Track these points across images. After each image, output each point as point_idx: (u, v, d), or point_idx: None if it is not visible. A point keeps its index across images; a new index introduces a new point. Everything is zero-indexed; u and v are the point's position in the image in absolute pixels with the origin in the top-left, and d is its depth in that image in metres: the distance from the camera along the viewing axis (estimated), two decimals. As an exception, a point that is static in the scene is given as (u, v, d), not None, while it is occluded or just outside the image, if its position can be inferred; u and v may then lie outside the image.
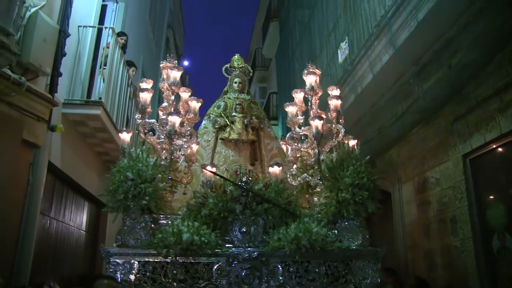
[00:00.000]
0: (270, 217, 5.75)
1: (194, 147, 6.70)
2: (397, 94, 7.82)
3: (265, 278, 5.50)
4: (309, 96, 6.79)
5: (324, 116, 6.57)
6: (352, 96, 8.92)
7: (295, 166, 6.71)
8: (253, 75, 26.72)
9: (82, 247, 9.39)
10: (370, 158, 6.03)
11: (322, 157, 6.33)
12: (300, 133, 6.71)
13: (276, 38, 20.92)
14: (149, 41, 16.25)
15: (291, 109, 6.81)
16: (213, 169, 6.20)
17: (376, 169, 9.29)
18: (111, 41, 8.76)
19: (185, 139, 6.37)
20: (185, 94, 6.78)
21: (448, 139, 7.40)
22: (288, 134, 6.80)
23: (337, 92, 6.75)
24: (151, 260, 5.44)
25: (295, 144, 6.65)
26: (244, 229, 5.71)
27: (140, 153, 5.82)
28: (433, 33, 6.31)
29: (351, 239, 5.78)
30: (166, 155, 6.19)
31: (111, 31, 8.83)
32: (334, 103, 6.64)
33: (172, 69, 6.60)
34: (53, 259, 7.90)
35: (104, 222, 10.17)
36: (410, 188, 8.84)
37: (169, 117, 6.19)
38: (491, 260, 6.51)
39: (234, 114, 7.55)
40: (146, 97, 6.43)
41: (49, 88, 6.94)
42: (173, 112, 6.36)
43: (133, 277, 5.36)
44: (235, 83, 8.01)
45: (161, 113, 6.60)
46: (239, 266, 5.49)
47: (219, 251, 5.49)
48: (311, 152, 6.51)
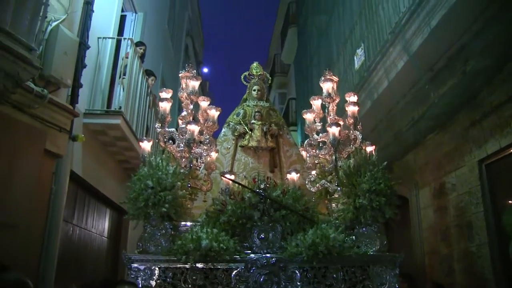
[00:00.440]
0: (288, 223, 5.76)
1: (214, 155, 6.78)
2: (412, 100, 7.86)
3: (283, 283, 5.51)
4: (326, 103, 6.82)
5: (342, 123, 6.62)
6: (369, 102, 8.98)
7: (313, 172, 6.73)
8: (272, 81, 26.83)
9: (104, 253, 9.51)
10: (388, 164, 6.03)
11: (340, 163, 6.35)
12: (318, 140, 6.73)
13: (294, 44, 20.99)
14: (168, 49, 16.40)
15: (308, 116, 6.86)
16: (232, 177, 6.27)
17: (393, 174, 9.27)
18: (130, 51, 8.89)
19: (205, 147, 6.46)
20: (204, 103, 6.84)
21: (463, 144, 7.44)
22: (306, 140, 6.82)
23: (354, 98, 6.76)
24: (171, 266, 5.49)
25: (313, 150, 6.69)
26: (262, 236, 5.73)
27: (160, 161, 5.89)
28: (446, 40, 6.36)
29: (368, 245, 5.75)
30: (185, 163, 6.26)
31: (130, 42, 8.96)
32: (351, 109, 6.65)
33: (191, 79, 6.68)
34: (76, 265, 8.02)
35: (126, 229, 10.27)
36: (427, 193, 8.86)
37: (188, 126, 6.27)
38: (508, 265, 6.51)
39: (253, 121, 7.58)
40: (165, 106, 6.51)
41: (70, 99, 7.10)
42: (192, 121, 6.43)
43: (153, 283, 5.42)
44: (254, 90, 8.06)
45: (180, 122, 6.67)
46: (257, 272, 5.50)
47: (237, 257, 5.52)
48: (329, 158, 6.53)
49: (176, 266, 5.50)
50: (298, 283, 5.54)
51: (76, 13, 7.37)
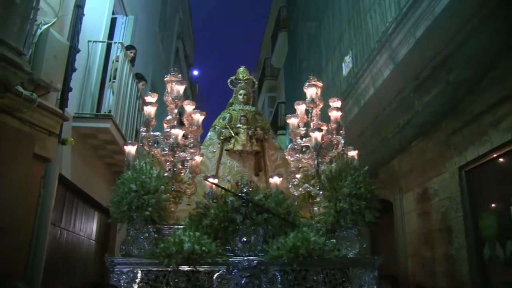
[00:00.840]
0: (269, 226, 5.85)
1: (198, 158, 6.86)
2: (398, 107, 7.96)
3: (264, 286, 5.59)
4: (310, 108, 6.93)
5: (325, 128, 6.71)
6: (356, 108, 9.08)
7: (297, 176, 6.80)
8: (262, 85, 26.88)
9: (92, 256, 9.50)
10: (374, 169, 6.14)
11: (322, 167, 6.46)
12: (302, 144, 6.82)
13: (284, 49, 21.05)
14: (158, 52, 16.44)
15: (292, 121, 6.96)
16: (215, 180, 6.36)
17: (378, 179, 9.47)
18: (120, 55, 8.89)
19: (192, 150, 6.55)
20: (189, 107, 6.94)
21: (445, 151, 7.58)
22: (290, 145, 6.93)
23: (338, 103, 6.83)
24: (154, 269, 5.57)
25: (297, 155, 6.78)
26: (244, 239, 5.82)
27: (144, 165, 5.98)
28: (431, 50, 6.47)
29: (349, 248, 5.84)
30: (170, 167, 6.35)
31: (120, 46, 8.98)
32: (334, 114, 6.73)
33: (176, 83, 6.77)
34: (64, 268, 8.02)
35: (114, 232, 10.19)
36: (410, 198, 8.99)
37: (172, 130, 6.35)
38: (483, 267, 6.69)
39: (239, 125, 7.65)
40: (150, 110, 6.59)
41: (59, 103, 7.08)
42: (176, 125, 6.52)
43: (136, 285, 5.51)
44: (240, 95, 8.15)
45: (165, 125, 6.73)
46: (239, 275, 5.57)
47: (219, 260, 5.60)
48: (312, 163, 6.61)
49: (158, 269, 5.57)
50: (279, 286, 5.62)
51: (67, 16, 7.35)
